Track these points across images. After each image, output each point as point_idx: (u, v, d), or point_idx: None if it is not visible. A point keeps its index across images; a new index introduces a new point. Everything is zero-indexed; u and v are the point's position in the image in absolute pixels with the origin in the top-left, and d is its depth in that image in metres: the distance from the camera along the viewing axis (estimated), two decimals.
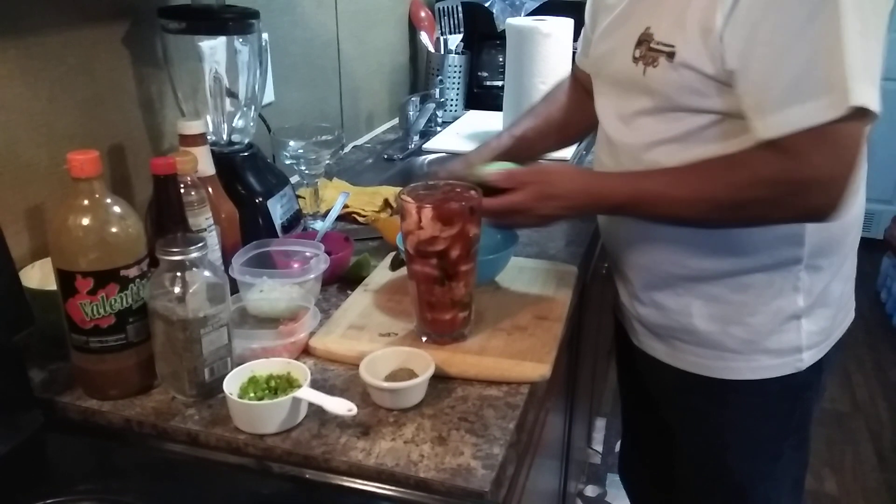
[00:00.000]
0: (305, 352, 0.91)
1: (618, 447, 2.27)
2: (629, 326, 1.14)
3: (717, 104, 0.88)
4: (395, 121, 1.98)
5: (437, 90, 1.97)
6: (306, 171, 1.25)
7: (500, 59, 2.09)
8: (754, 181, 0.85)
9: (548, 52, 1.69)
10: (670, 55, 0.88)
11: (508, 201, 0.93)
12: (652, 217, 0.95)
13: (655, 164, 0.94)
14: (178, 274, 0.78)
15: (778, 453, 1.08)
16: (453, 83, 2.06)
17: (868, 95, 0.77)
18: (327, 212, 1.20)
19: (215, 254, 0.94)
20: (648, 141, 0.95)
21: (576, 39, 1.81)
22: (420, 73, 2.18)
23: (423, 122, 1.83)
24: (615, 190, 0.94)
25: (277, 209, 1.13)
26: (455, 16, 2.07)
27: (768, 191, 0.85)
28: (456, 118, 2.06)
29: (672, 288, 1.01)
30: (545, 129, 1.22)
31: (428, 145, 1.82)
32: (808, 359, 1.00)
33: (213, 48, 1.12)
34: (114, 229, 0.77)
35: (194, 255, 0.77)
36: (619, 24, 0.99)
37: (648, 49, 0.91)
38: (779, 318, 0.98)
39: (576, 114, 1.20)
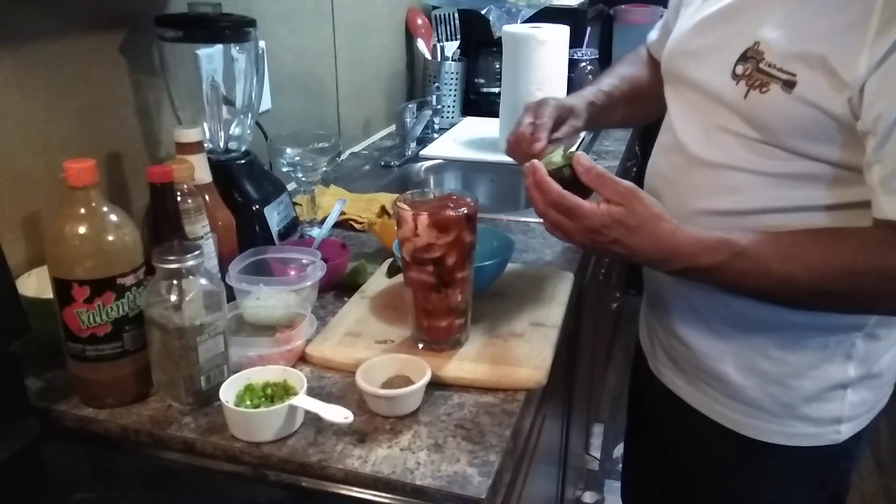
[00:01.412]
0: (302, 359, 0.91)
1: (615, 453, 2.28)
2: (650, 352, 1.08)
3: (829, 154, 0.78)
4: (392, 128, 1.99)
5: (434, 97, 1.98)
6: (303, 179, 1.25)
7: (497, 66, 2.10)
8: (876, 271, 0.75)
9: (544, 59, 1.69)
10: (788, 84, 0.76)
11: (582, 209, 0.79)
12: (734, 286, 0.82)
13: (733, 188, 0.85)
14: (175, 282, 0.78)
15: None
16: (450, 90, 2.07)
17: None
18: (324, 219, 1.20)
19: (212, 261, 0.94)
20: (731, 163, 0.85)
21: (572, 46, 1.82)
22: (417, 80, 2.19)
23: (419, 128, 1.84)
24: (707, 249, 0.78)
25: (274, 216, 1.14)
26: (451, 23, 2.08)
27: (887, 284, 0.76)
28: (453, 125, 2.06)
29: (709, 327, 0.93)
30: (630, 96, 1.11)
31: (425, 152, 1.83)
32: (847, 431, 0.93)
33: (210, 56, 1.13)
34: (110, 238, 0.77)
35: (191, 262, 0.78)
36: (717, 23, 0.88)
37: (757, 69, 0.79)
38: (824, 386, 0.90)
39: (657, 89, 1.06)
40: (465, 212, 0.86)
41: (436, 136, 1.96)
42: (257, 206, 1.11)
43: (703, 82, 0.88)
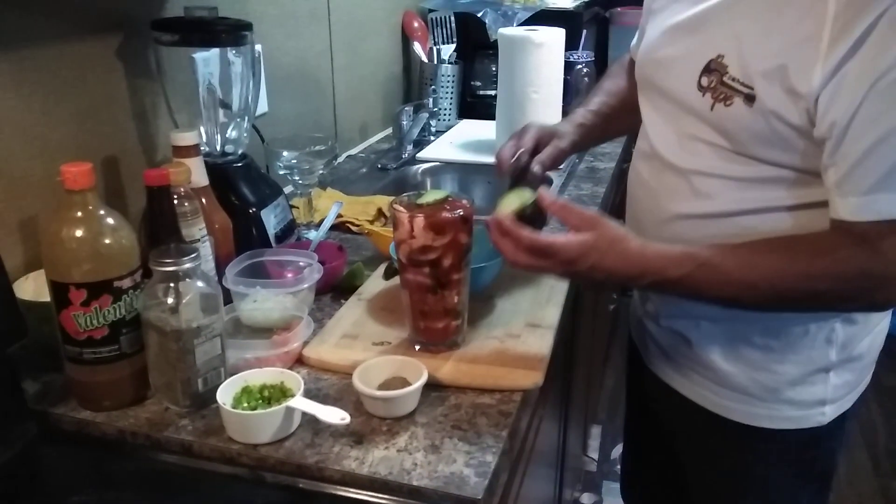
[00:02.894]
0: (299, 361, 0.91)
1: (613, 454, 2.28)
2: (642, 345, 1.11)
3: (793, 160, 0.81)
4: (389, 130, 1.99)
5: (431, 100, 1.98)
6: (300, 181, 1.25)
7: (493, 69, 2.10)
8: (831, 273, 0.79)
9: (540, 61, 1.70)
10: (749, 98, 0.80)
11: (555, 245, 0.80)
12: (701, 295, 0.84)
13: (707, 193, 0.88)
14: (172, 285, 0.78)
15: (797, 501, 1.03)
16: (446, 93, 2.07)
17: None
18: (321, 221, 1.20)
19: (209, 264, 0.95)
20: (703, 170, 0.88)
21: (568, 49, 1.83)
22: (413, 83, 2.19)
23: (416, 131, 1.84)
24: (673, 262, 0.81)
25: (271, 219, 1.14)
26: (448, 26, 2.08)
27: (843, 284, 0.79)
28: (449, 127, 2.07)
29: (696, 319, 0.97)
30: (620, 108, 1.13)
31: (421, 155, 1.83)
32: (831, 412, 0.97)
33: (207, 60, 1.13)
34: (107, 241, 0.77)
35: (187, 265, 0.78)
36: (683, 33, 0.90)
37: (721, 83, 0.82)
38: (807, 370, 0.94)
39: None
40: (461, 213, 0.86)
41: (432, 138, 1.96)
42: (254, 209, 1.11)
43: (672, 92, 0.91)
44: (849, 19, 0.73)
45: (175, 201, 0.88)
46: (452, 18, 2.08)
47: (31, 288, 0.91)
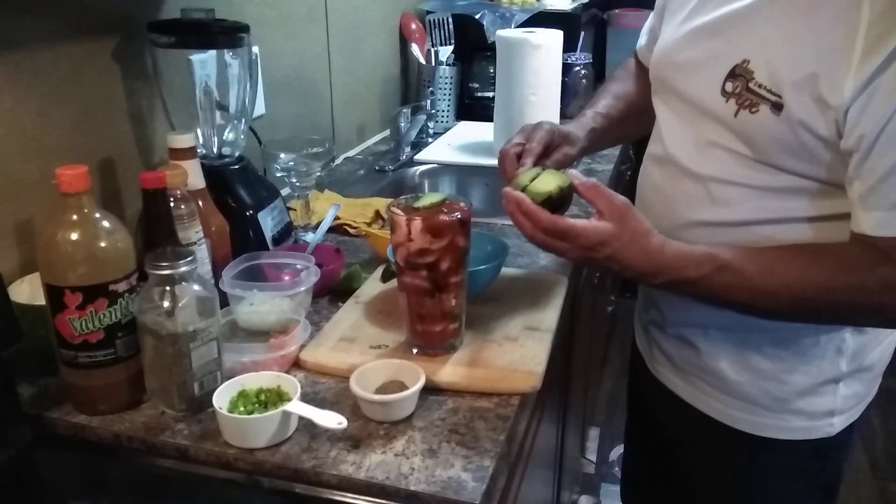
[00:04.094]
0: (296, 365, 0.90)
1: (611, 456, 2.28)
2: (647, 352, 1.10)
3: (816, 171, 0.80)
4: (387, 132, 1.99)
5: (429, 101, 1.98)
6: (297, 184, 1.25)
7: (491, 71, 2.10)
8: (852, 287, 0.77)
9: (538, 63, 1.70)
10: (777, 106, 0.78)
11: (576, 229, 0.79)
12: (716, 298, 0.83)
13: (725, 200, 0.87)
14: (168, 288, 0.78)
15: None
16: (444, 94, 2.07)
17: None
18: (318, 224, 1.20)
19: (205, 267, 0.94)
20: (722, 177, 0.86)
21: (565, 51, 1.83)
22: (411, 85, 2.19)
23: (414, 133, 1.84)
24: (693, 262, 0.80)
25: (268, 222, 1.13)
26: (446, 27, 2.08)
27: (863, 299, 0.78)
28: (447, 129, 2.06)
29: (705, 327, 0.96)
30: (628, 113, 1.12)
31: (419, 156, 1.83)
32: (840, 423, 0.96)
33: (204, 61, 1.13)
34: (102, 244, 0.77)
35: (183, 268, 0.77)
36: (705, 36, 0.88)
37: (746, 89, 0.80)
38: (817, 380, 0.93)
39: (648, 101, 1.05)
40: (459, 216, 0.86)
41: (430, 140, 1.96)
42: (251, 212, 1.11)
43: (693, 96, 0.89)
44: (883, 31, 0.71)
45: (171, 204, 0.87)
46: (450, 20, 2.08)
47: (27, 291, 0.91)
